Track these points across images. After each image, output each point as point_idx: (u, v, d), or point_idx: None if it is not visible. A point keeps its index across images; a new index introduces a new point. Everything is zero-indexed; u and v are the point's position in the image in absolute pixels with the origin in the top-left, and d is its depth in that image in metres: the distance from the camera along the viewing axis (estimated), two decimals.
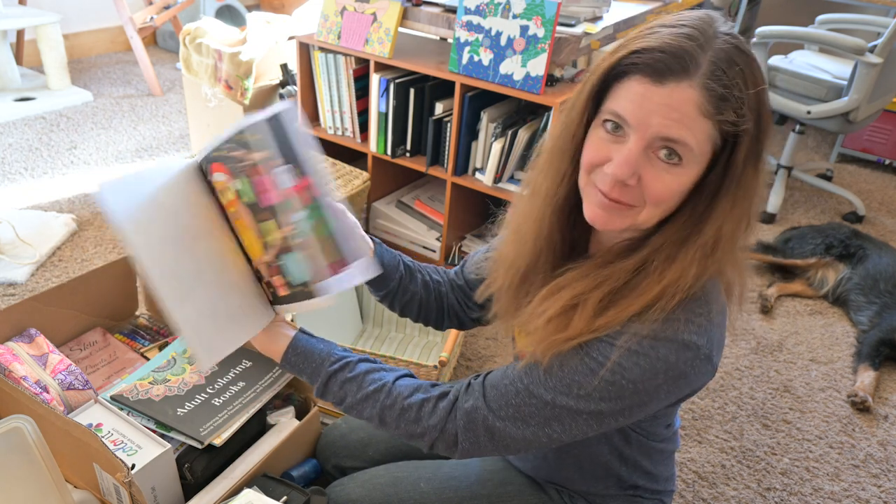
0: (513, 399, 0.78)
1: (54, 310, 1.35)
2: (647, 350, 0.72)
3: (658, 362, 0.72)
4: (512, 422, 0.78)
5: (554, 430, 0.77)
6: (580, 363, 0.75)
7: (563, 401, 0.75)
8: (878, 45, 2.25)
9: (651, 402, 0.75)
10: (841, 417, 1.73)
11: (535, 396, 0.76)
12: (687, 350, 0.72)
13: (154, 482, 1.04)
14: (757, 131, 0.69)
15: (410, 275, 1.02)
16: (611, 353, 0.73)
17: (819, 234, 2.28)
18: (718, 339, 0.75)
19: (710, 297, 0.75)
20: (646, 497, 0.98)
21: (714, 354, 0.74)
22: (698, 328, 0.72)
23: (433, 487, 1.02)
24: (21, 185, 2.49)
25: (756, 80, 0.68)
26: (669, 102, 0.67)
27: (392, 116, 2.01)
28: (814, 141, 3.49)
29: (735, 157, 0.69)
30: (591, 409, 0.75)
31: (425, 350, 1.78)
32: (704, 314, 0.73)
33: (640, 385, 0.72)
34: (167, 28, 4.04)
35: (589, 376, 0.74)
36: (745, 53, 0.68)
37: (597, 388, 0.73)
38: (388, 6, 1.90)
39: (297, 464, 1.23)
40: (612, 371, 0.73)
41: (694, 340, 0.72)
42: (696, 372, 0.73)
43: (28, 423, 0.94)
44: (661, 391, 0.74)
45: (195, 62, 2.43)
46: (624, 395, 0.73)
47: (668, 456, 0.99)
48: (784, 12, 3.57)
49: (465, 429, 0.79)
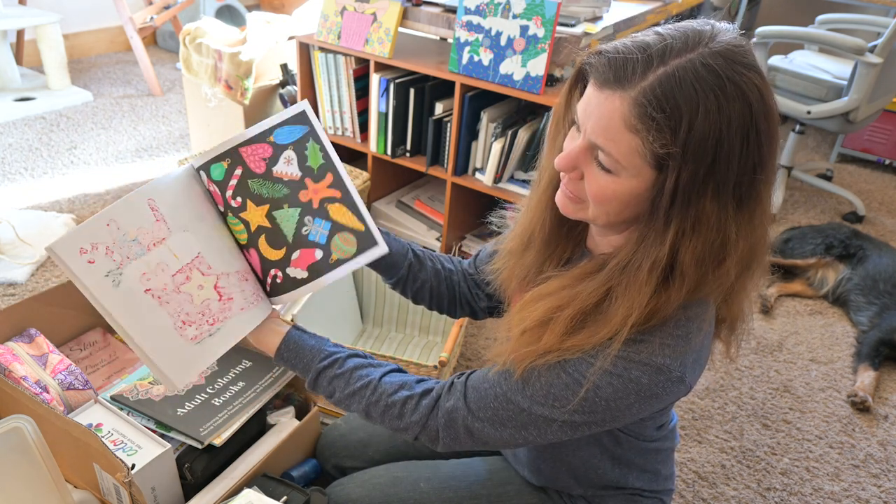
0: (491, 402, 0.81)
1: (54, 310, 1.35)
2: (621, 371, 0.73)
3: (630, 383, 0.73)
4: (490, 423, 0.81)
5: (530, 434, 0.80)
6: (556, 377, 0.77)
7: (539, 410, 0.78)
8: (878, 45, 2.25)
9: (623, 417, 0.77)
10: (841, 417, 1.73)
11: (512, 403, 0.79)
12: (659, 373, 0.73)
13: (154, 482, 1.04)
14: (693, 164, 0.64)
15: (420, 263, 1.05)
16: (587, 371, 0.75)
17: (819, 234, 2.28)
18: (694, 360, 0.75)
19: (692, 320, 0.74)
20: (645, 496, 0.98)
21: (687, 375, 0.75)
22: (672, 351, 0.73)
23: (433, 487, 1.02)
24: (21, 185, 2.49)
25: (708, 109, 0.63)
26: (602, 110, 0.67)
27: (392, 116, 2.01)
28: (814, 141, 3.49)
29: (668, 184, 0.66)
30: (564, 420, 0.77)
31: (425, 350, 1.78)
32: (682, 336, 0.73)
33: (613, 403, 0.75)
34: (167, 28, 4.04)
35: (564, 390, 0.76)
36: (709, 76, 0.63)
37: (569, 400, 0.76)
38: (388, 6, 1.90)
39: (297, 464, 1.23)
40: (586, 388, 0.75)
41: (667, 364, 0.73)
42: (668, 392, 0.75)
43: (28, 423, 0.94)
44: (632, 409, 0.76)
45: (195, 62, 2.43)
46: (596, 410, 0.76)
47: (665, 454, 0.99)
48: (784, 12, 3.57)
49: (445, 426, 0.83)
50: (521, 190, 1.91)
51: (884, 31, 2.27)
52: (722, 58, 0.64)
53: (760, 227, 0.72)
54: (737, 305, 0.79)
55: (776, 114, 0.67)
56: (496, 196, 1.95)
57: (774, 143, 0.68)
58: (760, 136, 0.66)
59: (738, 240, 0.69)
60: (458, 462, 1.07)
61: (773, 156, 0.69)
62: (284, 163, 0.89)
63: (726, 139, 0.64)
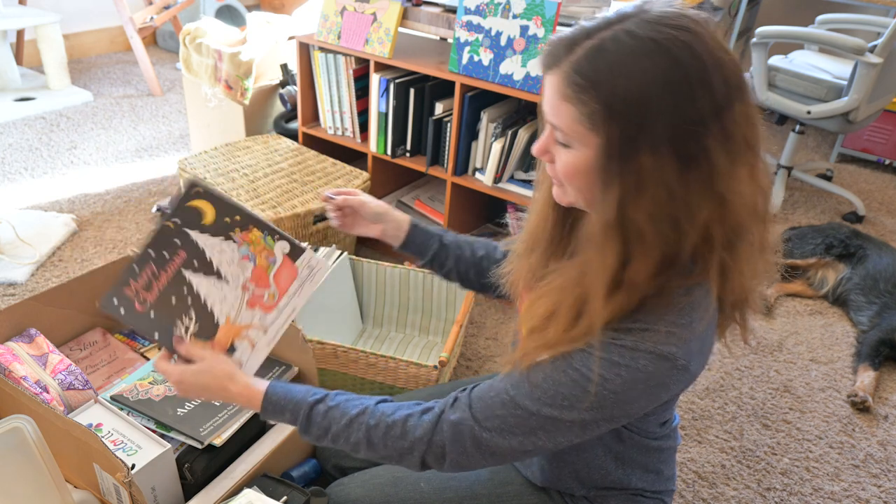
0: (498, 410, 0.79)
1: (54, 310, 1.35)
2: (628, 361, 0.74)
3: (638, 373, 0.74)
4: (498, 433, 0.79)
5: (539, 439, 0.79)
6: (563, 375, 0.76)
7: (548, 411, 0.77)
8: (878, 45, 2.25)
9: (632, 409, 0.77)
10: (841, 417, 1.73)
11: (520, 407, 0.78)
12: (665, 361, 0.73)
13: (154, 482, 1.04)
14: (625, 122, 0.67)
15: (446, 253, 1.12)
16: (592, 364, 0.74)
17: (819, 234, 2.28)
18: (699, 348, 0.76)
19: (696, 307, 0.75)
20: (647, 496, 0.98)
21: (692, 363, 0.75)
22: (677, 340, 0.73)
23: (433, 487, 1.02)
24: (21, 185, 2.49)
25: (630, 70, 0.66)
26: (547, 91, 0.73)
27: (392, 116, 2.01)
28: (814, 141, 3.49)
29: (602, 144, 0.70)
30: (574, 419, 0.77)
31: (425, 350, 1.78)
32: (686, 325, 0.74)
33: (622, 395, 0.75)
34: (167, 28, 4.04)
35: (572, 388, 0.75)
36: (631, 42, 0.67)
37: (580, 399, 0.75)
38: (388, 6, 1.90)
39: (297, 464, 1.23)
40: (593, 382, 0.74)
41: (672, 352, 0.73)
42: (674, 380, 0.75)
43: (28, 423, 0.94)
44: (641, 399, 0.76)
45: (195, 62, 2.43)
46: (606, 405, 0.75)
47: (668, 454, 0.99)
48: (784, 12, 3.57)
49: (451, 440, 0.80)
50: (520, 190, 1.91)
51: (884, 31, 2.27)
52: (648, 23, 0.68)
53: (731, 194, 0.70)
54: (738, 287, 0.78)
55: (720, 70, 0.68)
56: (496, 196, 1.95)
57: (717, 98, 0.67)
58: (694, 90, 0.66)
59: (692, 200, 0.70)
60: None
61: (718, 113, 0.68)
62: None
63: (652, 95, 0.66)
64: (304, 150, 2.21)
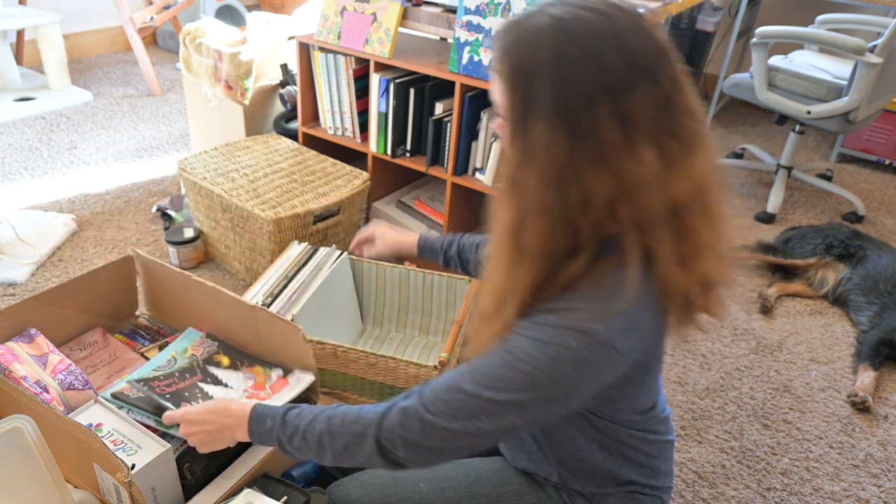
0: (443, 395, 0.82)
1: (54, 310, 1.35)
2: (553, 338, 0.77)
3: (562, 349, 0.76)
4: (442, 416, 0.82)
5: (482, 422, 0.80)
6: (498, 357, 0.80)
7: (486, 393, 0.80)
8: (878, 45, 2.25)
9: (568, 388, 0.78)
10: (841, 417, 1.73)
11: (461, 391, 0.81)
12: (586, 336, 0.76)
13: (154, 482, 1.04)
14: (521, 89, 0.74)
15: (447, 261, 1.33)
16: (522, 345, 0.78)
17: (819, 234, 2.28)
18: (625, 326, 0.77)
19: (621, 287, 0.77)
20: (644, 493, 0.98)
21: (618, 341, 0.76)
22: (596, 315, 0.76)
23: (432, 487, 1.02)
24: (21, 185, 2.49)
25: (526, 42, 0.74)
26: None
27: (392, 116, 2.01)
28: (814, 141, 3.49)
29: (504, 105, 0.77)
30: (511, 400, 0.79)
31: (425, 350, 1.78)
32: (606, 301, 0.77)
33: (550, 373, 0.77)
34: (167, 28, 4.04)
35: (505, 369, 0.79)
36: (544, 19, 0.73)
37: (513, 380, 0.78)
38: (388, 6, 1.90)
39: (297, 464, 1.23)
40: (525, 362, 0.78)
41: (592, 327, 0.76)
42: (601, 357, 0.77)
43: (28, 423, 0.94)
44: (572, 378, 0.77)
45: (195, 62, 2.43)
46: (538, 385, 0.78)
47: (660, 447, 0.98)
48: (784, 12, 3.57)
49: (400, 424, 0.83)
50: None
51: (884, 31, 2.27)
52: (566, 4, 0.74)
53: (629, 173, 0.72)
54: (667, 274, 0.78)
55: (623, 52, 0.71)
56: None
57: (611, 77, 0.71)
58: (584, 67, 0.71)
59: (583, 171, 0.73)
60: (458, 463, 1.07)
61: (611, 91, 0.71)
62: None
63: (543, 66, 0.72)
64: (304, 150, 2.21)
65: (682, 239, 0.77)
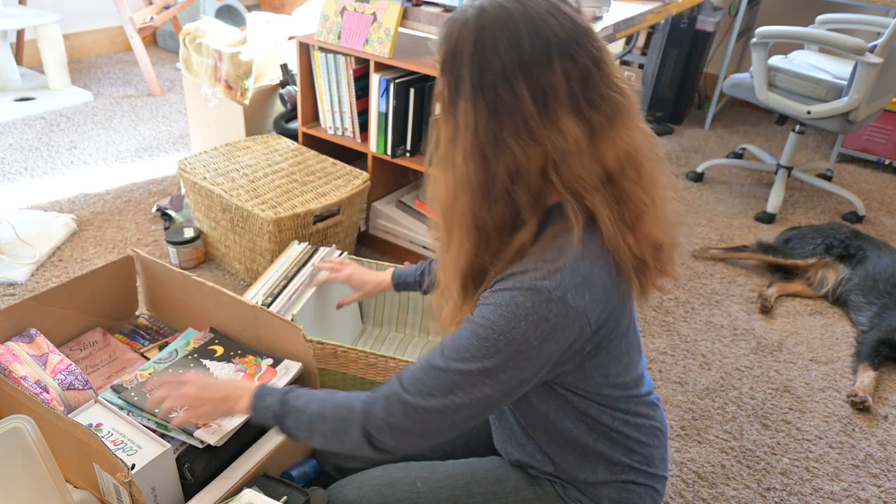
0: (419, 374, 0.86)
1: (54, 310, 1.35)
2: (507, 300, 0.80)
3: (517, 309, 0.79)
4: (420, 396, 0.85)
5: (457, 397, 0.84)
6: (463, 329, 0.84)
7: (455, 366, 0.83)
8: (878, 45, 2.25)
9: (527, 350, 0.81)
10: (841, 417, 1.73)
11: (434, 368, 0.85)
12: (537, 294, 0.79)
13: (154, 482, 1.04)
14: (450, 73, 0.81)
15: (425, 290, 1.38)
16: (483, 313, 0.82)
17: (819, 235, 2.28)
18: (575, 282, 0.80)
19: (566, 246, 0.81)
20: (638, 483, 0.98)
21: (570, 296, 0.79)
22: (546, 272, 0.80)
23: (429, 487, 1.02)
24: (21, 185, 2.49)
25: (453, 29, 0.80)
26: None
27: (392, 116, 2.01)
28: (814, 141, 3.49)
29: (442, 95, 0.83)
30: (478, 368, 0.82)
31: (425, 350, 1.78)
32: (551, 260, 0.80)
33: (509, 335, 0.80)
34: (167, 28, 4.04)
35: (470, 338, 0.83)
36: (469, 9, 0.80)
37: (477, 347, 0.82)
38: (388, 6, 1.90)
39: (297, 464, 1.23)
40: (485, 327, 0.81)
41: (543, 284, 0.79)
42: (554, 313, 0.79)
43: (28, 423, 0.94)
44: (530, 338, 0.80)
45: (195, 62, 2.43)
46: (500, 348, 0.81)
47: (649, 431, 0.98)
48: (784, 12, 3.57)
49: (384, 409, 0.87)
50: None
51: (884, 31, 2.27)
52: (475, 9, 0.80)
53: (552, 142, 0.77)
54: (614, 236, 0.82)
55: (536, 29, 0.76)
56: None
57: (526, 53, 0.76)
58: (498, 45, 0.77)
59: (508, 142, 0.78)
60: (455, 462, 1.07)
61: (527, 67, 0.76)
62: None
63: (464, 50, 0.79)
64: (304, 150, 2.21)
65: (622, 203, 0.82)
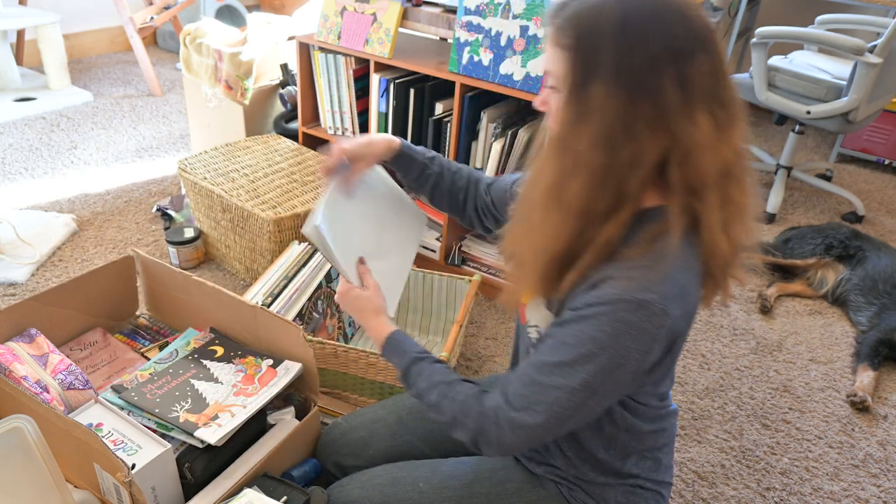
0: (522, 390, 0.85)
1: (54, 310, 1.35)
2: (609, 313, 0.78)
3: (620, 323, 0.78)
4: (525, 412, 0.84)
5: (562, 411, 0.83)
6: (563, 344, 0.82)
7: (557, 381, 0.82)
8: (878, 45, 2.25)
9: (630, 363, 0.80)
10: (840, 417, 1.73)
11: (535, 383, 0.84)
12: (641, 308, 0.77)
13: (154, 482, 1.04)
14: (585, 50, 0.77)
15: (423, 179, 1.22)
16: (583, 328, 0.80)
17: (819, 235, 2.28)
18: (674, 292, 0.79)
19: (664, 251, 0.79)
20: (646, 487, 0.98)
21: (670, 308, 0.78)
22: (648, 283, 0.78)
23: (432, 487, 1.02)
24: (21, 185, 2.49)
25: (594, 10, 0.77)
26: (546, 45, 0.83)
27: (392, 116, 2.01)
28: (813, 141, 3.49)
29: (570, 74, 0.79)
30: (580, 383, 0.81)
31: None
32: (650, 267, 0.79)
33: (612, 349, 0.79)
34: (167, 28, 4.04)
35: (571, 352, 0.81)
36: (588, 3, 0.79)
37: (579, 362, 0.80)
38: (388, 6, 1.90)
39: (297, 463, 1.23)
40: (586, 342, 0.80)
41: (646, 297, 0.77)
42: (657, 326, 0.78)
43: (28, 423, 0.94)
44: (631, 351, 0.79)
45: (195, 62, 2.43)
46: (602, 363, 0.80)
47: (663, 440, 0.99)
48: (784, 12, 3.57)
49: (494, 424, 0.87)
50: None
51: (883, 31, 2.27)
52: None
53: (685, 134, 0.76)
54: (712, 242, 0.81)
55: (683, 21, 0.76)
56: None
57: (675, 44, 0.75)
58: (649, 33, 0.75)
59: (638, 131, 0.76)
60: (458, 461, 1.07)
61: (676, 57, 0.75)
62: None
63: (607, 33, 0.76)
64: (304, 150, 2.21)
65: (725, 205, 0.81)
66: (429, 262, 2.13)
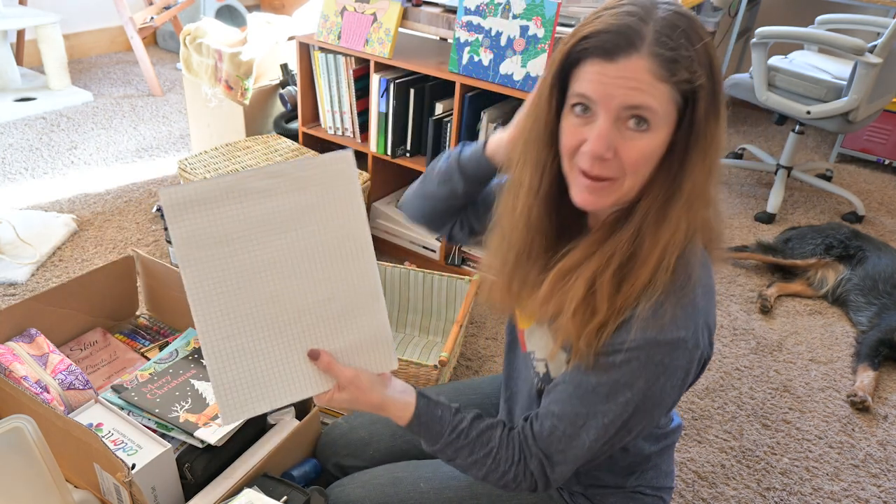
0: (559, 445, 0.83)
1: (54, 310, 1.35)
2: (644, 359, 0.76)
3: (656, 368, 0.76)
4: (565, 465, 0.85)
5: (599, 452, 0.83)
6: (593, 394, 0.80)
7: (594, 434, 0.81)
8: (878, 45, 2.25)
9: (664, 401, 0.80)
10: (840, 417, 1.73)
11: (572, 437, 0.83)
12: (676, 349, 0.76)
13: (154, 482, 1.04)
14: (711, 84, 0.72)
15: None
16: (614, 375, 0.78)
17: (819, 235, 2.28)
18: (703, 322, 0.78)
19: (692, 278, 0.77)
20: (647, 493, 0.98)
21: (700, 338, 0.77)
22: (684, 320, 0.76)
23: (433, 487, 1.02)
24: (21, 185, 2.49)
25: (700, 36, 0.72)
26: (625, 74, 0.70)
27: (392, 116, 2.01)
28: (813, 141, 3.49)
29: (697, 113, 0.73)
30: (619, 426, 0.80)
31: (425, 350, 1.78)
32: (689, 301, 0.76)
33: (648, 391, 0.78)
34: (167, 28, 4.04)
35: (606, 405, 0.79)
36: (685, 16, 0.72)
37: (614, 411, 0.79)
38: (388, 6, 1.90)
39: (297, 463, 1.23)
40: (623, 391, 0.78)
41: (681, 336, 0.76)
42: (689, 360, 0.78)
43: (28, 423, 0.94)
44: (666, 389, 0.78)
45: (195, 62, 2.43)
46: (637, 404, 0.79)
47: (668, 453, 0.99)
48: (784, 12, 3.57)
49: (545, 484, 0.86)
50: None
51: (884, 31, 2.27)
52: (670, 2, 0.73)
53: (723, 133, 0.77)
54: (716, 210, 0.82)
55: None
56: None
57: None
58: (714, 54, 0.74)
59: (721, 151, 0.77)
60: None
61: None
62: None
63: (714, 54, 0.73)
64: (305, 151, 2.21)
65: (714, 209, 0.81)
66: (429, 262, 2.13)
